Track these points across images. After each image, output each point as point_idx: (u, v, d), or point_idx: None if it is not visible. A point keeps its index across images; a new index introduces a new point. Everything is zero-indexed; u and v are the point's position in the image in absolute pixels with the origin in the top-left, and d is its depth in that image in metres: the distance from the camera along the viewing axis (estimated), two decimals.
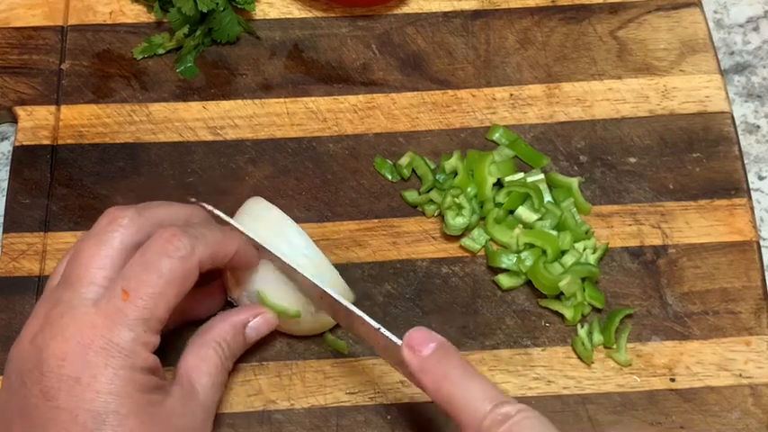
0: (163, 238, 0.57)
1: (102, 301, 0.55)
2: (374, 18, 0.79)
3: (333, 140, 0.73)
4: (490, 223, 0.69)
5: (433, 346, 0.55)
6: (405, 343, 0.56)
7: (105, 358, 0.54)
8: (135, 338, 0.54)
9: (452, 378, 0.54)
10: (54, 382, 0.53)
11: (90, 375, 0.53)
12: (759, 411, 0.63)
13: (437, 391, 0.54)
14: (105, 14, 0.79)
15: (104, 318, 0.54)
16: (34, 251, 0.69)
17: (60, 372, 0.53)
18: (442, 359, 0.55)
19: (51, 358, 0.54)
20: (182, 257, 0.56)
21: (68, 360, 0.53)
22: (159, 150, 0.73)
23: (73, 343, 0.54)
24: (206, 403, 0.59)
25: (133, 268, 0.56)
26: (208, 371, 0.60)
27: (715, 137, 0.73)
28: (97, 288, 0.56)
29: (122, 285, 0.55)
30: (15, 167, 0.72)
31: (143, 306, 0.55)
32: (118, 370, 0.54)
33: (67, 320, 0.54)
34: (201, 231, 0.59)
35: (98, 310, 0.55)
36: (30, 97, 0.75)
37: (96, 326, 0.54)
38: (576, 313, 0.66)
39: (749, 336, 0.66)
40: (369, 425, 0.63)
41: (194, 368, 0.60)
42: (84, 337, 0.54)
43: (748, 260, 0.68)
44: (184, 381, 0.59)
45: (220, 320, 0.63)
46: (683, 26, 0.78)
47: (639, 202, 0.71)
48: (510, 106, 0.75)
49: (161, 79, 0.76)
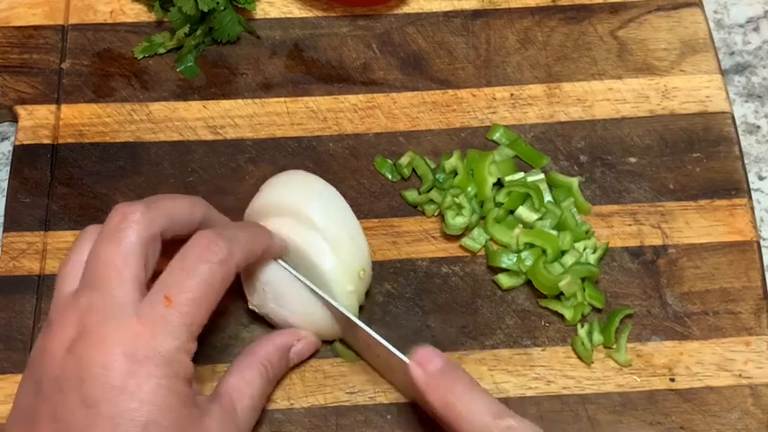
0: (201, 243, 0.56)
1: (143, 308, 0.54)
2: (375, 18, 0.79)
3: (333, 140, 0.73)
4: (490, 223, 0.69)
5: (440, 362, 0.57)
6: (413, 359, 0.57)
7: (149, 367, 0.53)
8: (178, 347, 0.54)
9: (457, 393, 0.55)
10: (96, 391, 0.52)
11: (135, 385, 0.52)
12: (759, 411, 0.63)
13: (442, 405, 0.55)
14: (106, 14, 0.79)
15: (147, 325, 0.54)
16: (34, 250, 0.69)
17: (104, 381, 0.52)
18: (448, 375, 0.56)
19: (93, 367, 0.53)
20: (220, 261, 0.56)
21: (112, 369, 0.53)
22: (159, 149, 0.73)
23: (116, 351, 0.53)
24: (242, 427, 0.59)
25: (174, 274, 0.55)
26: (251, 393, 0.59)
27: (715, 137, 0.73)
28: (130, 289, 0.55)
29: (164, 292, 0.55)
30: (16, 166, 0.72)
31: (186, 312, 0.54)
32: (161, 379, 0.53)
33: (108, 329, 0.54)
34: (235, 233, 0.58)
35: (140, 317, 0.54)
36: (30, 96, 0.75)
37: (139, 334, 0.53)
38: (575, 313, 0.66)
39: (749, 336, 0.66)
40: (368, 424, 0.63)
41: (237, 389, 0.59)
42: (128, 345, 0.53)
43: (748, 260, 0.68)
44: (225, 401, 0.58)
45: (265, 343, 0.63)
46: (683, 26, 0.78)
47: (639, 202, 0.71)
48: (510, 106, 0.75)
49: (161, 78, 0.76)
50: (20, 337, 0.66)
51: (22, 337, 0.66)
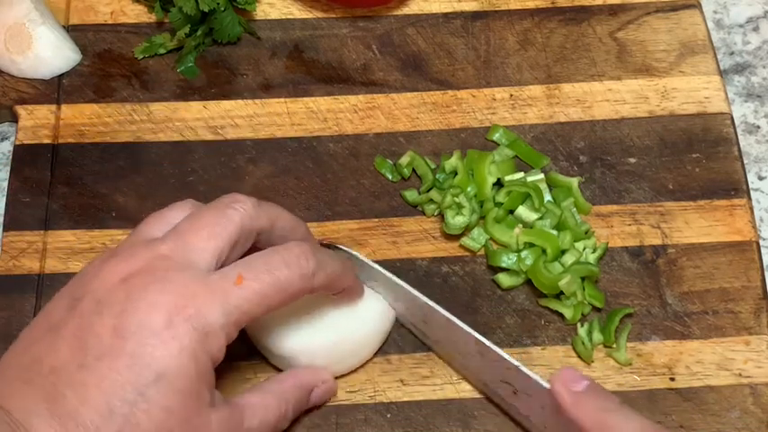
0: (293, 251, 0.57)
1: (214, 275, 0.55)
2: (375, 19, 0.79)
3: (333, 140, 0.73)
4: (490, 223, 0.69)
5: (586, 382, 0.57)
6: (556, 380, 0.57)
7: (188, 327, 0.53)
8: (223, 324, 0.54)
9: (610, 409, 0.55)
10: (132, 325, 0.52)
11: (168, 336, 0.52)
12: (759, 411, 0.63)
13: (595, 422, 0.55)
14: (106, 14, 0.79)
15: (208, 290, 0.54)
16: (34, 249, 0.69)
17: (143, 318, 0.52)
18: (597, 394, 0.56)
19: (142, 302, 0.53)
20: (302, 275, 0.57)
21: (156, 311, 0.53)
22: (160, 150, 0.73)
23: (168, 299, 0.53)
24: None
25: (258, 262, 0.56)
26: (262, 418, 0.59)
27: (714, 138, 0.73)
28: (210, 255, 0.55)
29: (240, 270, 0.55)
30: (16, 166, 0.72)
31: (247, 297, 0.54)
32: (193, 343, 0.53)
33: (172, 276, 0.54)
34: (326, 259, 0.59)
35: (206, 280, 0.54)
36: (30, 96, 0.75)
37: (196, 294, 0.53)
38: (575, 312, 0.66)
39: (749, 335, 0.66)
40: (368, 423, 0.63)
41: (252, 408, 0.58)
42: (181, 299, 0.53)
43: (748, 260, 0.68)
44: (236, 412, 0.57)
45: (294, 379, 0.62)
46: (682, 27, 0.78)
47: (639, 202, 0.71)
48: (510, 107, 0.75)
49: (162, 79, 0.76)
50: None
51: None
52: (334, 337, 0.63)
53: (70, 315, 0.54)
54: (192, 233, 0.56)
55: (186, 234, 0.56)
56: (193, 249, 0.55)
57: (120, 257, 0.56)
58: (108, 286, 0.54)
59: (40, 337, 0.54)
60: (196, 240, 0.56)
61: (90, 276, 0.56)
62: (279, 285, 0.56)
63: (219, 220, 0.56)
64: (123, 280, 0.54)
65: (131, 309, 0.53)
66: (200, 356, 0.53)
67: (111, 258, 0.56)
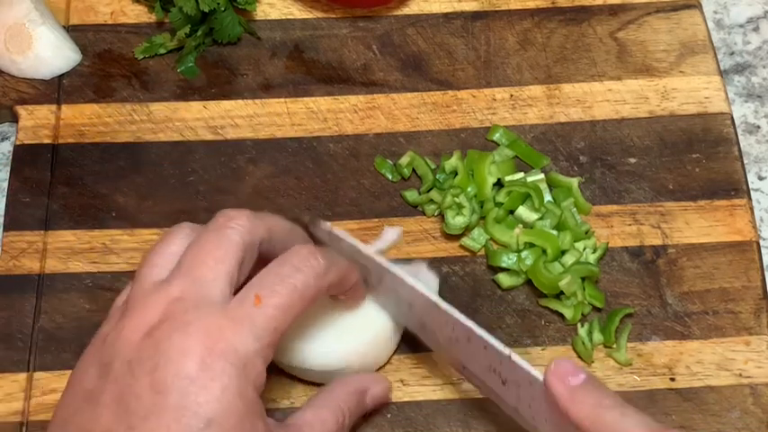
0: (301, 254, 0.56)
1: (232, 304, 0.54)
2: (375, 19, 0.79)
3: (333, 140, 0.73)
4: (490, 223, 0.69)
5: (583, 376, 0.54)
6: (552, 372, 0.54)
7: (224, 364, 0.52)
8: (257, 350, 0.53)
9: (607, 405, 0.53)
10: (168, 377, 0.51)
11: (207, 378, 0.51)
12: (759, 411, 0.63)
13: (592, 419, 0.53)
14: (106, 14, 0.79)
15: (232, 321, 0.53)
16: (34, 249, 0.69)
17: (178, 368, 0.51)
18: (594, 389, 0.54)
19: (171, 351, 0.52)
20: (317, 275, 0.56)
21: (188, 357, 0.51)
22: (160, 150, 0.73)
23: (196, 341, 0.52)
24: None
25: (269, 277, 0.55)
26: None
27: (714, 138, 0.73)
28: (223, 283, 0.54)
29: (255, 291, 0.54)
30: (16, 166, 0.72)
31: (272, 315, 0.54)
32: (233, 378, 0.52)
33: (193, 317, 0.53)
34: (333, 255, 0.58)
35: (226, 311, 0.53)
36: (31, 96, 0.75)
37: (222, 328, 0.52)
38: (576, 312, 0.66)
39: (749, 336, 0.66)
40: (368, 423, 0.63)
41: (309, 426, 0.58)
42: (209, 337, 0.52)
43: (748, 260, 0.68)
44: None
45: (344, 387, 0.61)
46: (682, 28, 0.78)
47: (639, 202, 0.71)
48: (510, 107, 0.75)
49: (162, 79, 0.76)
50: (20, 336, 0.66)
51: (22, 336, 0.66)
52: (359, 335, 0.63)
53: (104, 382, 0.53)
54: (197, 267, 0.55)
55: (193, 269, 0.55)
56: (204, 283, 0.54)
57: (135, 311, 0.54)
58: (134, 345, 0.53)
59: (78, 407, 0.53)
60: (204, 273, 0.54)
61: (112, 339, 0.54)
62: (297, 292, 0.55)
63: (221, 244, 0.55)
64: (147, 335, 0.53)
65: (163, 362, 0.52)
66: (244, 390, 0.52)
67: (127, 314, 0.55)
